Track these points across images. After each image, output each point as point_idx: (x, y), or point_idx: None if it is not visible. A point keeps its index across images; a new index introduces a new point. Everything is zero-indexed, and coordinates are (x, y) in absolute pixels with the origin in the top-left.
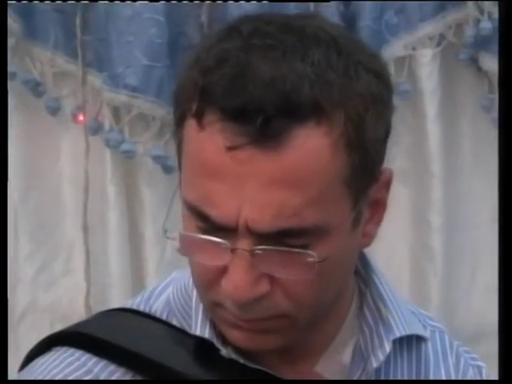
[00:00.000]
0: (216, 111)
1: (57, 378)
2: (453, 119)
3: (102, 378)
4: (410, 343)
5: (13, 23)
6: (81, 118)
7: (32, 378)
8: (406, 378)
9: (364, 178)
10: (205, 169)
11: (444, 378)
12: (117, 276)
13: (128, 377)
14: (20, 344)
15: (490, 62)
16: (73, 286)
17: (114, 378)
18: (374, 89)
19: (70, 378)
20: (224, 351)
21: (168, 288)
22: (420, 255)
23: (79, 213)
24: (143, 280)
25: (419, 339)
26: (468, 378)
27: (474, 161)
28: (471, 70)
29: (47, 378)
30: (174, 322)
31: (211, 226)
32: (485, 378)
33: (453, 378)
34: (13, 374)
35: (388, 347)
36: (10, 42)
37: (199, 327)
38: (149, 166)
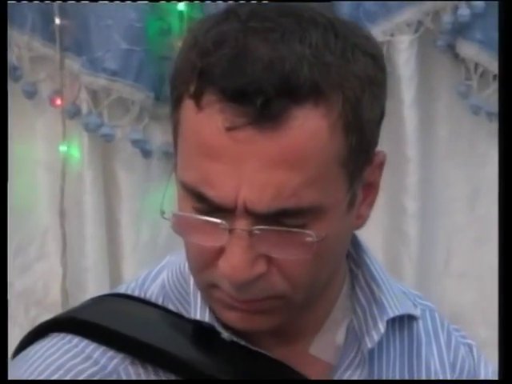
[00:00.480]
0: (215, 92)
1: (54, 366)
2: (429, 105)
3: (101, 363)
4: (402, 323)
5: None
6: (58, 102)
7: (27, 365)
8: (398, 357)
9: (360, 159)
10: (203, 149)
11: (436, 356)
12: (93, 260)
13: (127, 362)
14: None
15: (468, 49)
16: (48, 271)
17: (113, 363)
18: (370, 71)
19: (69, 365)
20: (225, 334)
21: (163, 272)
22: (395, 240)
23: (54, 197)
24: (119, 264)
25: (411, 318)
26: (460, 356)
27: (450, 146)
28: (448, 56)
29: (43, 365)
30: (170, 307)
31: (209, 207)
32: (475, 356)
33: (445, 356)
34: None
35: (382, 327)
36: None
37: (199, 311)
38: (127, 151)
